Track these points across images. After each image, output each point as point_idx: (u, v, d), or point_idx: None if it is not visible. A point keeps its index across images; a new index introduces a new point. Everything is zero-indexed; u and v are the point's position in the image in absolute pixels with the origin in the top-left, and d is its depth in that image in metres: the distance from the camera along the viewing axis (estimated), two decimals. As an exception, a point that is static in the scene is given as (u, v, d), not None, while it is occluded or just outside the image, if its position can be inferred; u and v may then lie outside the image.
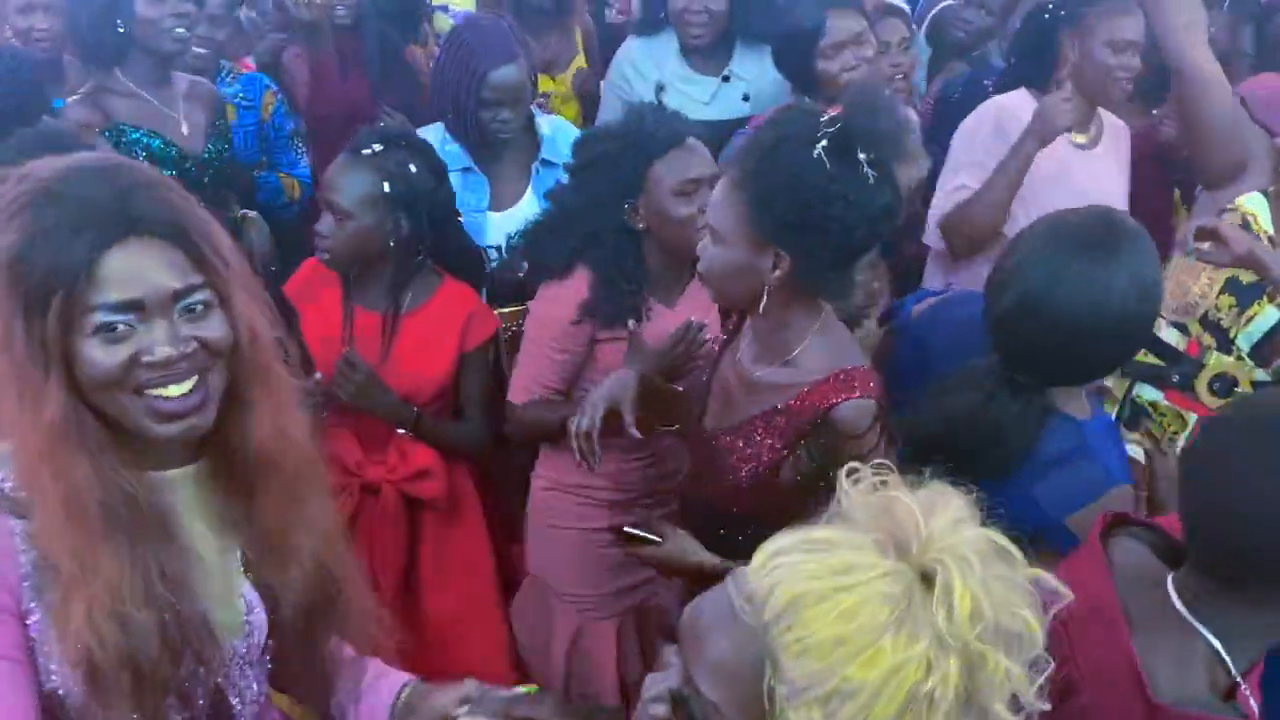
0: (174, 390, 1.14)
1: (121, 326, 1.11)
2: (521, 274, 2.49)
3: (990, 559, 0.93)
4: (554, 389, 2.21)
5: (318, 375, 2.21)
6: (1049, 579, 0.99)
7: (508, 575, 2.54)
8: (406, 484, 2.34)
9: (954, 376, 1.69)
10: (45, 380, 1.10)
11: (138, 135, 2.73)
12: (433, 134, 2.66)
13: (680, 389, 2.06)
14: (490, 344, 2.40)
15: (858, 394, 1.66)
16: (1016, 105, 2.72)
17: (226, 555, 1.27)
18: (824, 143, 1.56)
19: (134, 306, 1.11)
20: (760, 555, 0.97)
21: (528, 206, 2.63)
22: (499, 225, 2.66)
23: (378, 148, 2.24)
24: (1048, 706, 0.95)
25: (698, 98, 3.03)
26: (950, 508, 0.96)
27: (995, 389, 1.63)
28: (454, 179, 2.52)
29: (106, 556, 1.11)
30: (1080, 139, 2.76)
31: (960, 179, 2.71)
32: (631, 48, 3.15)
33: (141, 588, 1.13)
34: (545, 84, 3.23)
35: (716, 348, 1.95)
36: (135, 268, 1.11)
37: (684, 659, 1.01)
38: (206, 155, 2.83)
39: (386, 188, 2.22)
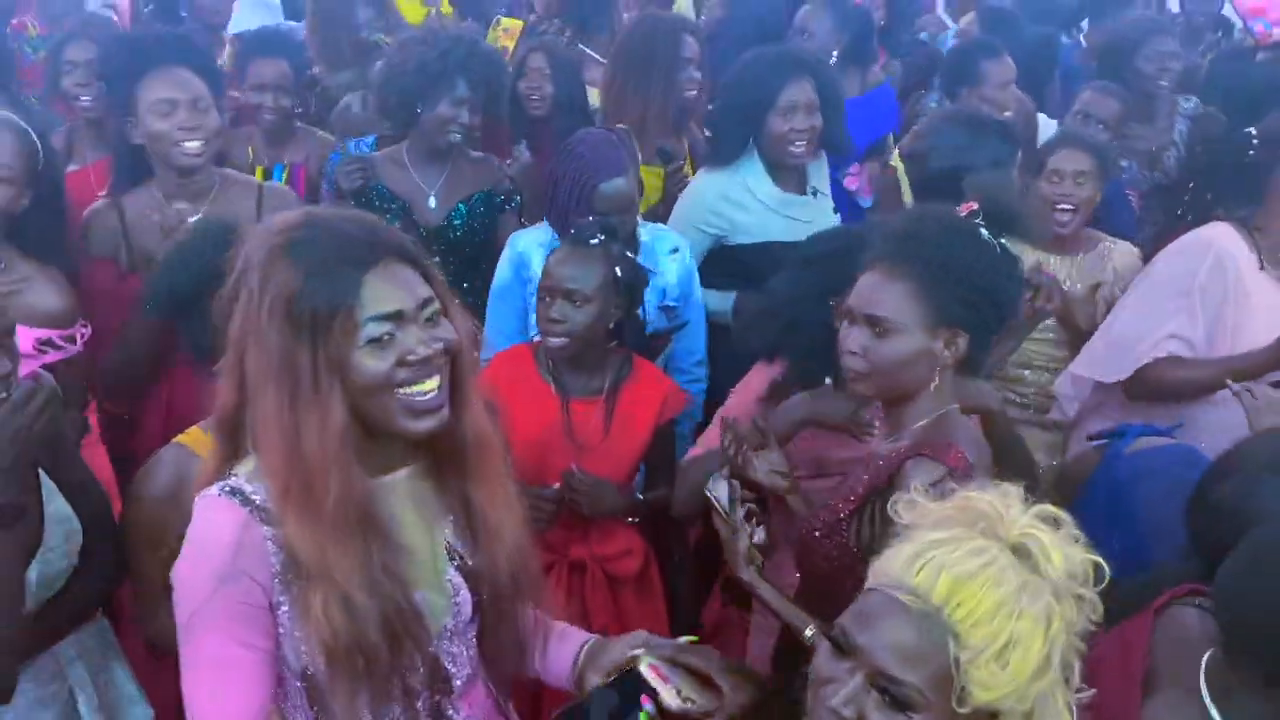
0: (428, 385, 1.35)
1: (386, 336, 1.32)
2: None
3: (1050, 525, 1.22)
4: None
5: (554, 486, 2.30)
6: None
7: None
8: (611, 562, 2.42)
9: (1156, 577, 1.66)
10: (330, 394, 1.30)
11: None
12: (540, 234, 2.82)
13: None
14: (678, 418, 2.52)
15: (932, 455, 1.70)
16: (1232, 244, 2.57)
17: (435, 546, 1.48)
18: (983, 229, 1.75)
19: (396, 316, 1.33)
20: (901, 559, 1.20)
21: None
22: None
23: (601, 237, 2.39)
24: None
25: (801, 217, 3.02)
26: (1010, 495, 1.23)
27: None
28: None
29: (342, 555, 1.32)
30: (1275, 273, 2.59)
31: (1170, 326, 2.53)
32: (712, 183, 3.09)
33: (367, 582, 1.33)
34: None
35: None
36: (392, 285, 1.34)
37: (868, 662, 1.18)
38: None
39: (619, 273, 2.36)
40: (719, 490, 1.83)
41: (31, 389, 1.67)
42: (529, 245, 2.82)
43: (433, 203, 3.06)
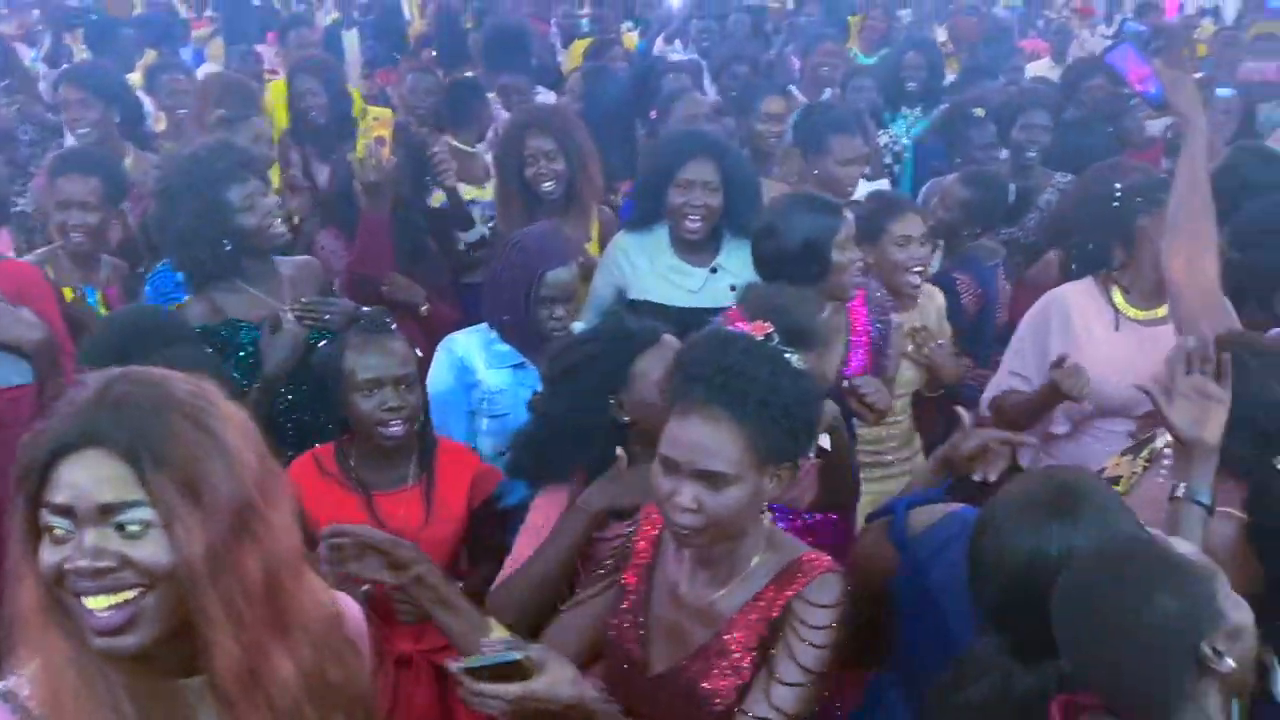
0: (98, 603, 1.14)
1: (59, 530, 1.14)
2: None
3: None
4: None
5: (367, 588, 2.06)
6: None
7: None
8: (438, 654, 2.27)
9: (963, 663, 1.65)
10: (27, 564, 1.15)
11: (249, 331, 2.70)
12: (477, 336, 2.77)
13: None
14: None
15: (820, 571, 1.69)
16: (1081, 298, 2.87)
17: None
18: (786, 351, 1.72)
19: (67, 512, 1.14)
20: None
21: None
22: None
23: (390, 321, 2.44)
24: None
25: (688, 287, 3.19)
26: None
27: (1011, 667, 1.58)
28: (506, 375, 2.69)
29: None
30: (1140, 314, 2.82)
31: (1011, 366, 2.94)
32: (624, 240, 3.31)
33: None
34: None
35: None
36: (76, 476, 1.14)
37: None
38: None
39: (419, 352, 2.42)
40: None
41: None
42: (468, 348, 2.77)
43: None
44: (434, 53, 6.12)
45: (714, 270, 3.21)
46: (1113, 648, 1.37)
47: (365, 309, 2.60)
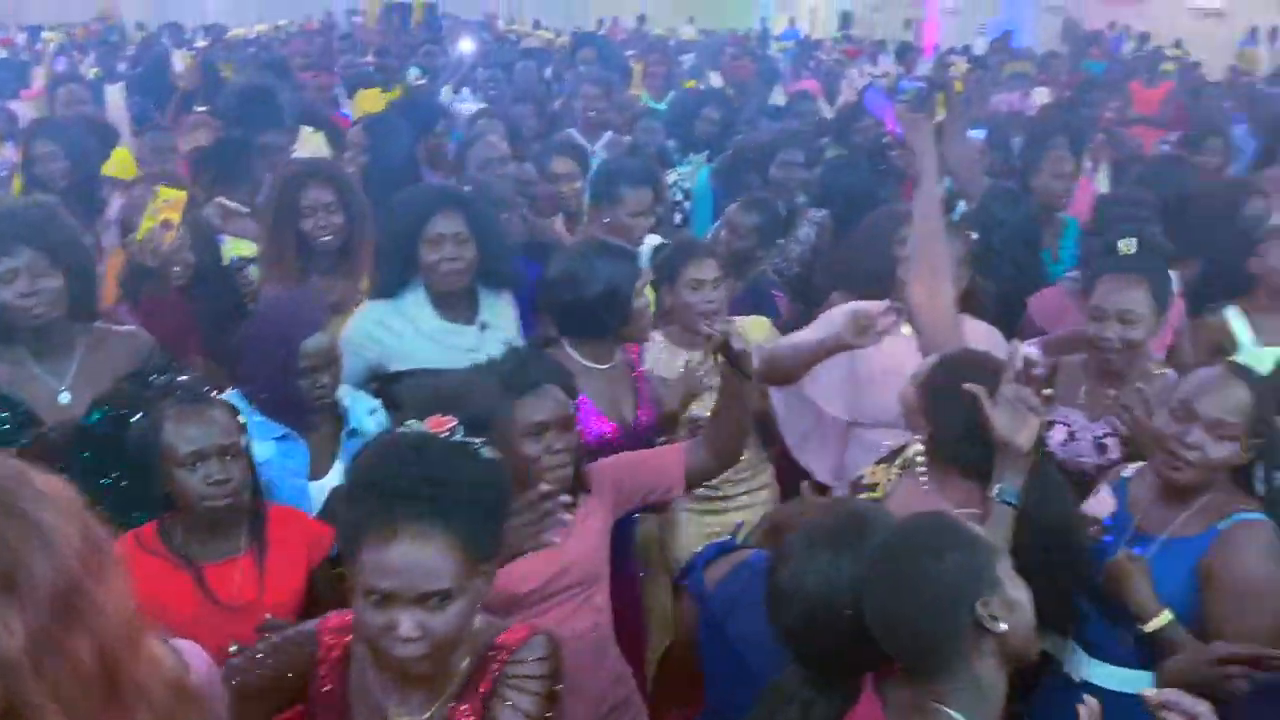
0: None
1: None
2: None
3: None
4: None
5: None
6: None
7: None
8: None
9: (766, 697, 1.73)
10: None
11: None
12: (235, 401, 2.60)
13: None
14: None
15: (522, 637, 1.69)
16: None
17: None
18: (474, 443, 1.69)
19: None
20: None
21: (335, 476, 2.60)
22: (317, 494, 2.62)
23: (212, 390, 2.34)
24: None
25: (464, 346, 3.01)
26: None
27: (810, 696, 1.67)
28: (269, 448, 2.55)
29: None
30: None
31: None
32: (375, 311, 3.08)
33: None
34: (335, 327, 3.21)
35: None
36: None
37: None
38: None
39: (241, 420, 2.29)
40: None
41: None
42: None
43: (66, 397, 2.60)
44: (202, 109, 5.87)
45: (483, 327, 3.11)
46: (905, 602, 1.54)
47: (181, 378, 2.44)
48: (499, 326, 3.12)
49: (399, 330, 3.03)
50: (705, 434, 2.45)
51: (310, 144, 5.26)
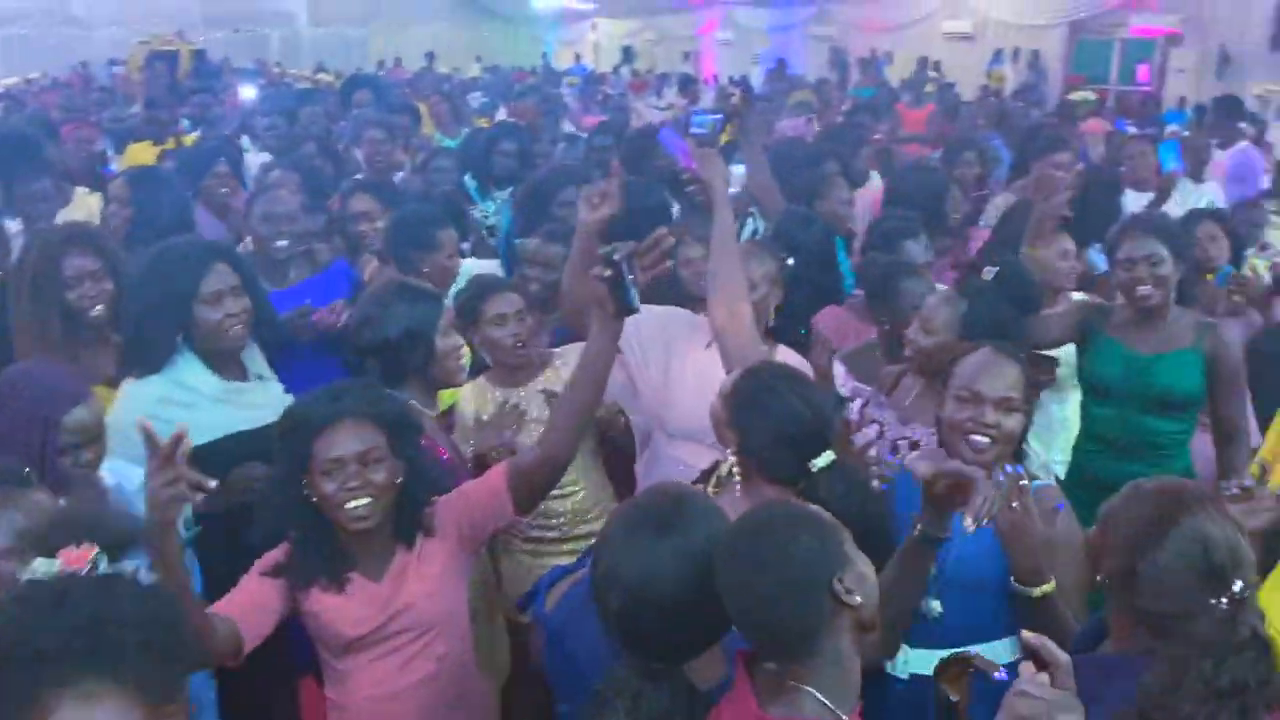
0: None
1: None
2: None
3: None
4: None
5: None
6: None
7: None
8: None
9: (597, 692, 1.71)
10: None
11: None
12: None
13: None
14: None
15: None
16: (686, 314, 3.15)
17: None
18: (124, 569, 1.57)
19: None
20: None
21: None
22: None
23: None
24: None
25: (256, 403, 2.87)
26: None
27: (639, 686, 1.68)
28: None
29: None
30: None
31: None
32: (147, 388, 2.80)
33: None
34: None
35: None
36: None
37: None
38: None
39: None
40: None
41: None
42: None
43: None
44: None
45: (259, 378, 2.98)
46: (765, 585, 1.58)
47: None
48: (267, 376, 3.01)
49: (187, 401, 2.79)
50: (540, 436, 2.44)
51: (84, 206, 4.87)
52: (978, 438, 2.29)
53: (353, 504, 2.13)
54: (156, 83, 13.09)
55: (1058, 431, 3.49)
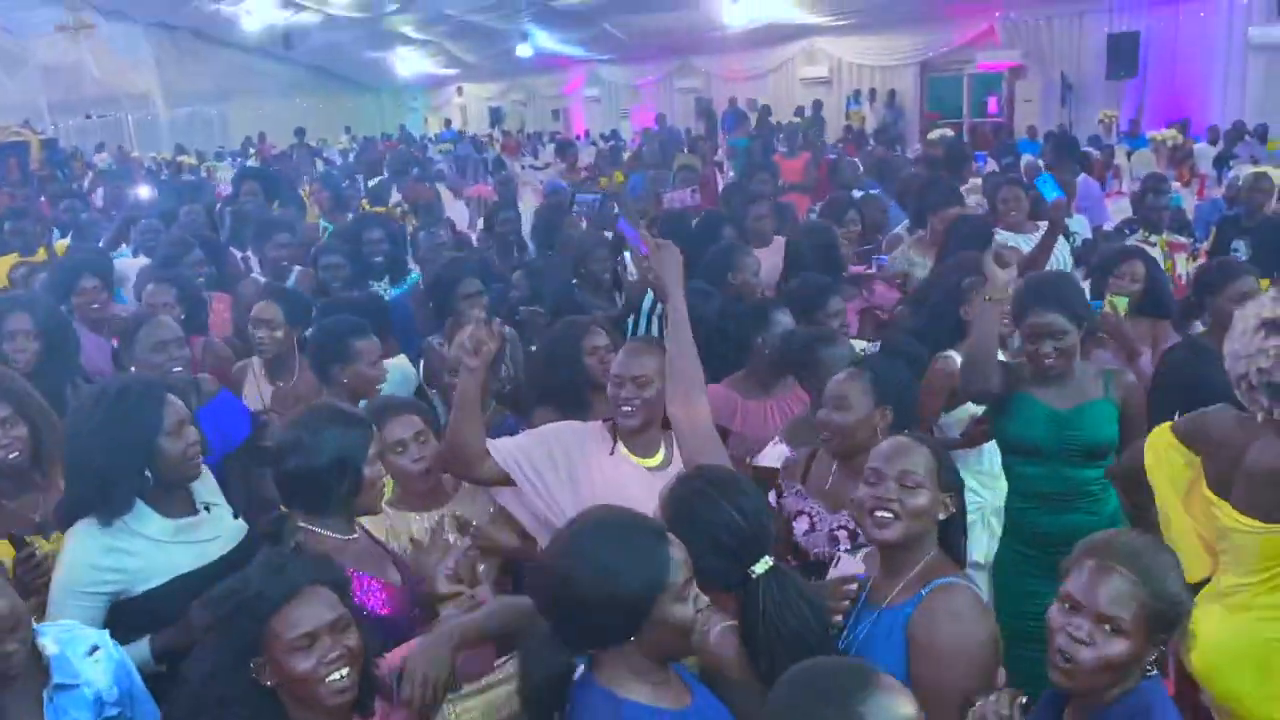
0: None
1: None
2: None
3: None
4: None
5: None
6: None
7: None
8: None
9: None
10: None
11: None
12: None
13: None
14: None
15: None
16: (586, 429, 3.09)
17: None
18: None
19: None
20: None
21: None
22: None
23: None
24: None
25: (204, 536, 2.75)
26: None
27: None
28: None
29: None
30: (649, 462, 2.89)
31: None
32: (90, 541, 2.62)
33: None
34: (44, 545, 2.77)
35: None
36: None
37: None
38: None
39: None
40: None
41: None
42: None
43: None
44: None
45: (207, 508, 2.81)
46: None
47: None
48: (217, 501, 2.86)
49: (135, 549, 2.62)
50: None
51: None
52: (881, 513, 2.28)
53: (335, 676, 2.00)
54: (9, 183, 12.54)
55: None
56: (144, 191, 9.84)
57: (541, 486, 2.82)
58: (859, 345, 4.04)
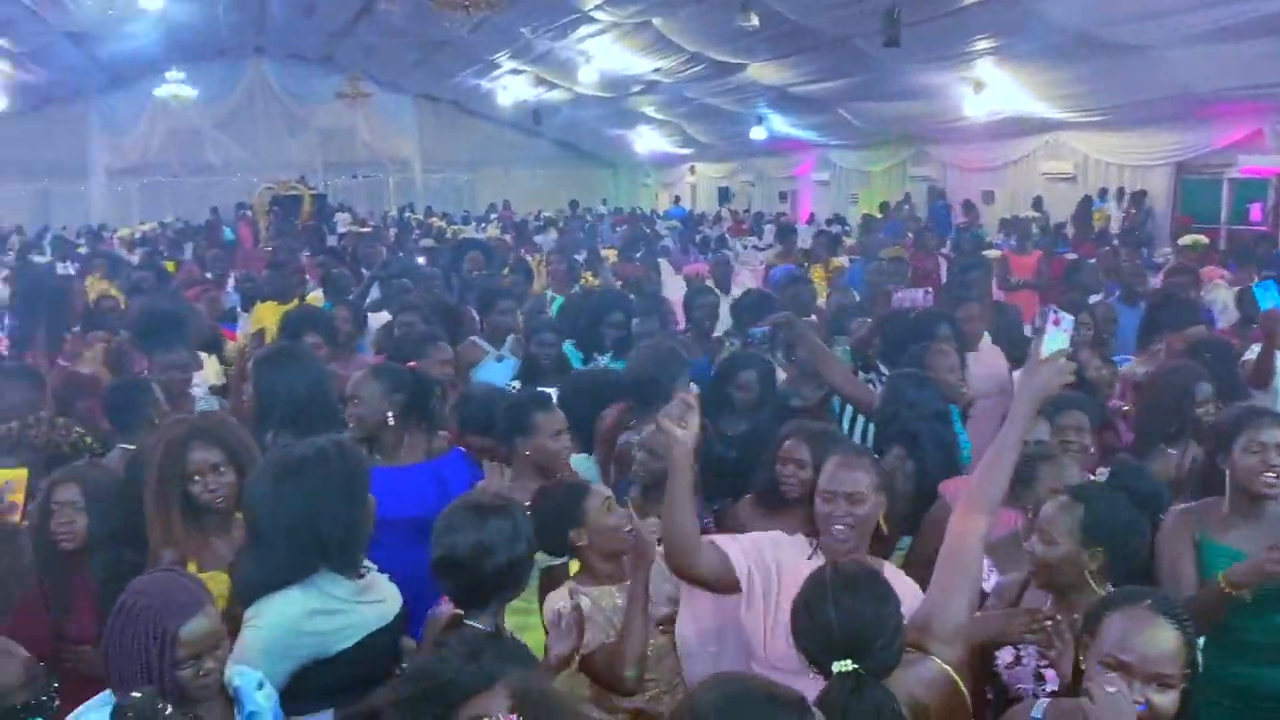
0: None
1: None
2: None
3: None
4: None
5: None
6: None
7: None
8: None
9: None
10: None
11: None
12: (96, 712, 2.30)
13: None
14: None
15: None
16: None
17: None
18: None
19: None
20: None
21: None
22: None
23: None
24: None
25: (375, 598, 2.83)
26: None
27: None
28: None
29: None
30: None
31: None
32: (290, 605, 2.68)
33: None
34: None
35: None
36: None
37: None
38: None
39: None
40: None
41: None
42: None
43: None
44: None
45: (367, 571, 2.86)
46: None
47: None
48: (369, 566, 2.92)
49: (332, 609, 2.72)
50: None
51: (206, 369, 5.08)
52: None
53: None
54: (278, 231, 13.81)
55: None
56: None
57: (755, 586, 2.70)
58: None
